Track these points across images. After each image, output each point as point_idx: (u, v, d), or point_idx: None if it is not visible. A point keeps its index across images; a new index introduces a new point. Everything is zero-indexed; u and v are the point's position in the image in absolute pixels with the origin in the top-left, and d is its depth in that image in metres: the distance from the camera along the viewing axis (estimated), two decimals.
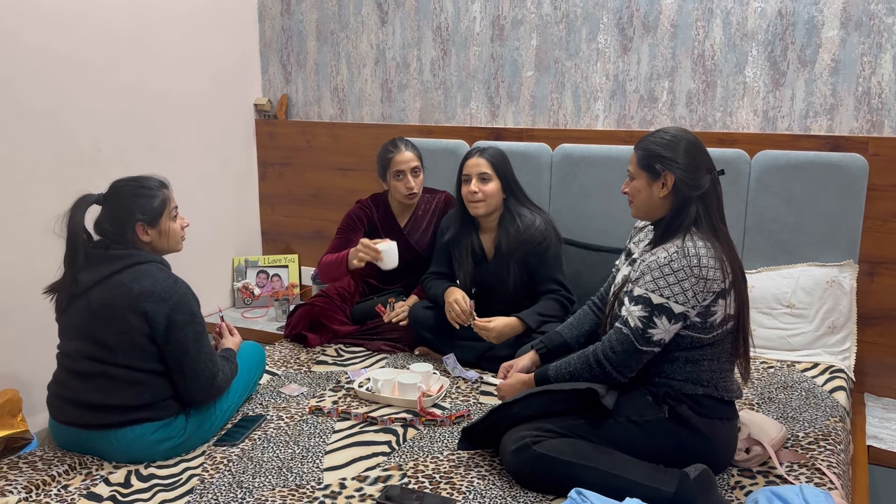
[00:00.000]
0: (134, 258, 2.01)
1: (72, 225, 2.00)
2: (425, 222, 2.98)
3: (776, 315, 2.71)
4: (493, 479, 1.88)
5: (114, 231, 2.03)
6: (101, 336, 1.97)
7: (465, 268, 2.68)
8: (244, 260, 3.85)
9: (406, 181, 2.83)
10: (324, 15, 3.67)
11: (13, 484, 1.83)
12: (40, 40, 2.81)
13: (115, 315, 1.96)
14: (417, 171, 2.86)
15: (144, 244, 2.06)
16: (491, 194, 2.59)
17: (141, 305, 1.95)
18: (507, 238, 2.60)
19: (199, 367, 2.02)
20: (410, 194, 2.86)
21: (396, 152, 2.84)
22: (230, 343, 2.31)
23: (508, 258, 2.60)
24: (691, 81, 2.98)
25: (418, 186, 2.87)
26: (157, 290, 1.97)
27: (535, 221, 2.61)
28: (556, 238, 2.63)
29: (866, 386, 2.81)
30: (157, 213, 2.06)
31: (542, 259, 2.60)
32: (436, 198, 3.01)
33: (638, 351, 1.85)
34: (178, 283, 2.02)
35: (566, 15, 3.14)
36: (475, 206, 2.60)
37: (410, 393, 2.31)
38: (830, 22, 2.73)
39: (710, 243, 1.84)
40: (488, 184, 2.58)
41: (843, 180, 2.65)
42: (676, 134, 1.91)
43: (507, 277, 2.61)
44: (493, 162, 2.59)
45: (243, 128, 3.85)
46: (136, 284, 1.96)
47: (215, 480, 1.89)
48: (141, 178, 2.08)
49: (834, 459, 1.98)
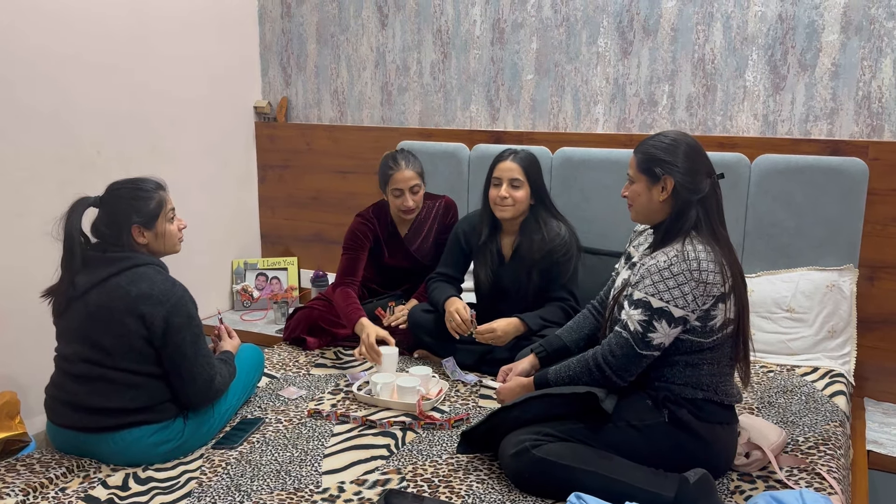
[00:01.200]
0: (131, 261, 2.00)
1: (69, 228, 2.00)
2: (425, 229, 2.96)
3: (776, 319, 2.70)
4: (492, 482, 1.87)
5: (110, 234, 2.03)
6: (99, 339, 1.96)
7: (486, 267, 2.66)
8: (243, 262, 3.84)
9: (404, 199, 2.78)
10: (324, 18, 3.67)
11: (10, 487, 1.83)
12: (41, 42, 2.81)
13: (112, 318, 1.95)
14: (416, 189, 2.80)
15: (141, 246, 2.05)
16: (520, 200, 2.55)
17: (138, 308, 1.95)
18: (529, 244, 2.59)
19: (196, 370, 2.01)
20: (408, 211, 2.82)
21: (396, 170, 2.77)
22: (229, 346, 2.30)
23: (529, 264, 2.59)
24: (691, 85, 2.98)
25: (416, 202, 2.81)
26: (155, 292, 1.96)
27: (561, 231, 2.59)
28: (577, 249, 2.62)
29: (866, 390, 2.80)
30: (153, 216, 2.05)
31: (560, 268, 2.59)
32: (436, 204, 2.99)
33: (637, 355, 1.84)
34: (175, 286, 2.01)
35: (566, 18, 3.14)
36: (502, 210, 2.57)
37: (409, 396, 2.30)
38: (831, 26, 2.73)
39: (710, 247, 1.83)
40: (519, 190, 2.55)
41: (844, 184, 2.65)
42: (676, 137, 1.91)
43: (526, 282, 2.60)
44: (525, 167, 2.56)
45: (243, 130, 3.85)
46: (133, 287, 1.96)
47: (213, 484, 1.88)
48: (138, 180, 2.07)
49: (834, 464, 1.97)
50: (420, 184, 2.81)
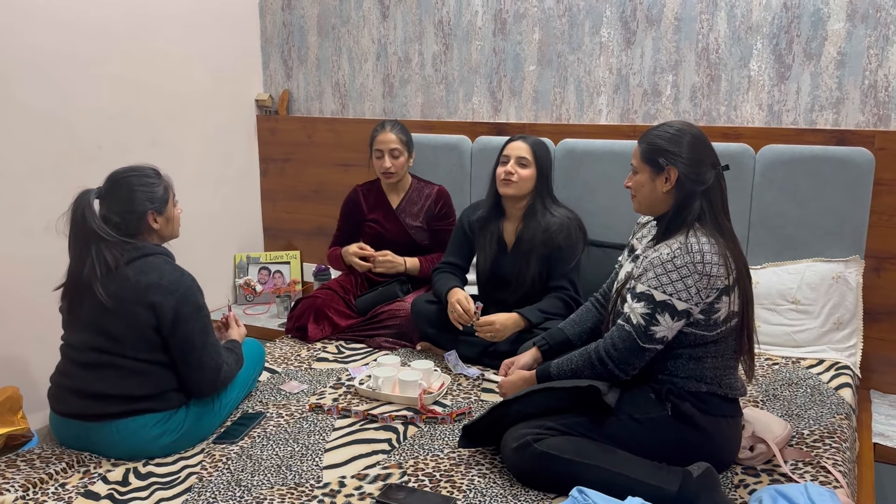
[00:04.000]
0: (140, 251, 2.01)
1: (76, 219, 2.00)
2: (416, 208, 3.04)
3: (781, 311, 2.68)
4: (493, 477, 1.86)
5: (123, 222, 2.02)
6: (109, 328, 1.98)
7: (487, 253, 2.67)
8: (246, 256, 3.84)
9: (383, 161, 2.94)
10: (325, 10, 3.65)
11: (10, 482, 1.82)
12: (40, 37, 2.80)
13: (122, 308, 1.97)
14: (397, 154, 2.93)
15: (153, 232, 2.07)
16: (525, 178, 2.58)
17: (148, 297, 1.97)
18: (531, 231, 2.59)
19: (205, 358, 2.03)
20: (386, 173, 2.96)
21: (380, 132, 2.95)
22: (235, 334, 2.33)
23: (529, 252, 2.59)
24: (695, 75, 2.95)
25: (397, 168, 2.95)
26: (164, 282, 1.98)
27: (564, 219, 2.60)
28: (581, 238, 2.62)
29: (872, 383, 2.78)
30: (164, 201, 2.09)
31: (562, 256, 2.58)
32: (429, 188, 3.07)
33: (640, 348, 1.82)
34: (184, 276, 2.03)
35: (569, 8, 3.11)
36: (506, 185, 2.59)
37: (411, 390, 2.29)
38: (836, 14, 2.70)
39: (714, 239, 1.81)
40: (525, 169, 2.58)
41: (849, 175, 2.62)
42: (681, 128, 1.89)
43: (526, 271, 2.60)
44: (535, 149, 2.60)
45: (244, 124, 3.84)
46: (143, 277, 1.98)
47: (214, 479, 1.88)
48: (136, 167, 2.08)
49: (839, 457, 1.95)
50: (401, 150, 2.95)
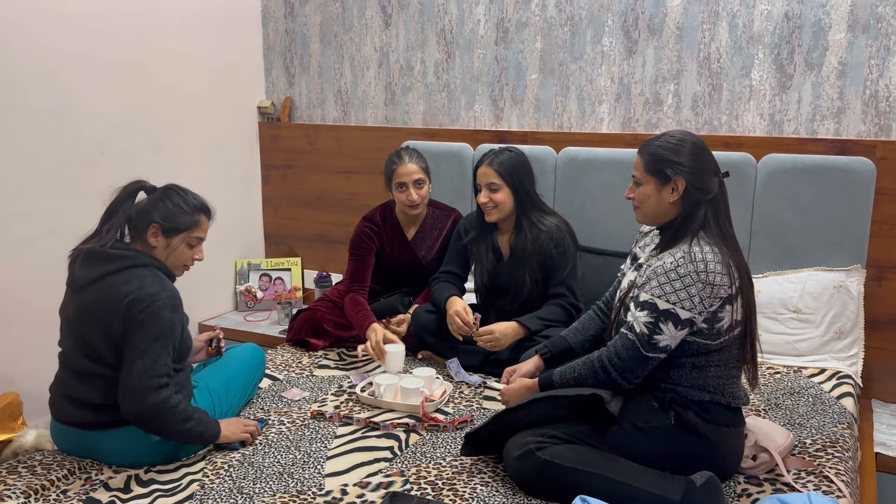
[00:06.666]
0: (131, 260, 1.98)
1: (116, 201, 2.02)
2: (432, 237, 2.93)
3: (783, 320, 2.68)
4: (496, 485, 1.86)
5: (134, 220, 2.03)
6: (88, 336, 1.96)
7: (483, 263, 2.68)
8: (247, 263, 3.84)
9: (408, 193, 2.77)
10: (327, 17, 3.66)
11: (12, 489, 1.82)
12: (45, 43, 2.81)
13: (101, 317, 1.94)
14: (421, 183, 2.78)
15: (150, 248, 2.03)
16: (501, 202, 2.58)
17: (122, 308, 1.91)
18: (522, 242, 2.60)
19: (139, 367, 1.89)
20: (412, 206, 2.80)
21: (399, 164, 2.77)
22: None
23: (523, 262, 2.60)
24: (697, 84, 2.96)
25: (422, 197, 2.80)
26: (141, 295, 1.92)
27: (552, 228, 2.60)
28: (572, 244, 2.62)
29: (874, 392, 2.78)
30: (175, 228, 2.04)
31: (556, 264, 2.59)
32: (445, 218, 2.95)
33: (644, 357, 1.82)
34: (163, 291, 1.95)
35: (571, 17, 3.12)
36: (488, 214, 2.61)
37: (413, 398, 2.29)
38: (837, 24, 2.71)
39: (718, 248, 1.81)
40: (498, 193, 2.57)
41: (851, 184, 2.63)
42: (682, 137, 1.89)
43: (522, 279, 2.60)
44: (501, 171, 2.56)
45: (247, 130, 3.84)
46: (124, 286, 1.93)
47: (215, 486, 1.87)
48: (194, 194, 2.10)
49: (842, 467, 1.95)
50: (424, 179, 2.80)
